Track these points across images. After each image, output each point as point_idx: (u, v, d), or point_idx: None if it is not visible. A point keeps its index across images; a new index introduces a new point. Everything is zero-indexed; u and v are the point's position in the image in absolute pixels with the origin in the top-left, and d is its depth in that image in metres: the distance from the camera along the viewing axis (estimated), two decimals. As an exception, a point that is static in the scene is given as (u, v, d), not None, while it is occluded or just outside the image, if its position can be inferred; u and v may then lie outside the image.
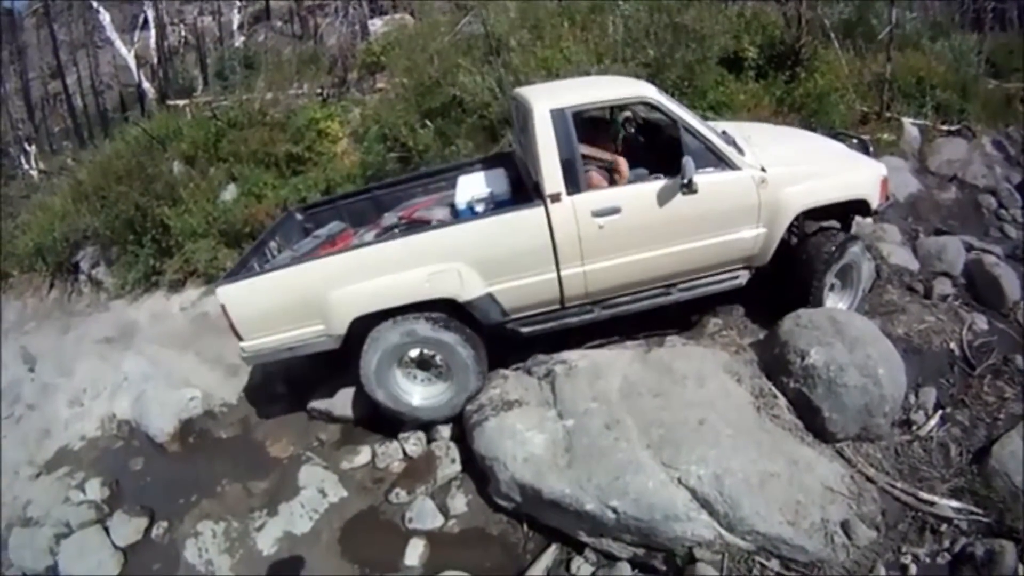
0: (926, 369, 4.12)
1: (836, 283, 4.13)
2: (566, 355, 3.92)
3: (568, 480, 3.21)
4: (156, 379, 4.96)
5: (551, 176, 3.48)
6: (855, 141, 4.64)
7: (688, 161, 3.46)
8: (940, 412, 3.83)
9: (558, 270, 3.60)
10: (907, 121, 6.63)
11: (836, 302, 4.16)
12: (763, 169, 3.71)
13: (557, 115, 3.46)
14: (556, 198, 3.49)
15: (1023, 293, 5.04)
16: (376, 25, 10.30)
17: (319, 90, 7.83)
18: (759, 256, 3.93)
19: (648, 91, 3.72)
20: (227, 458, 4.38)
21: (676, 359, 3.75)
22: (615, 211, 3.54)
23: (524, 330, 3.81)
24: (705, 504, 3.08)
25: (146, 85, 14.85)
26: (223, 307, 3.68)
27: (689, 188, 3.49)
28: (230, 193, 6.19)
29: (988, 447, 3.54)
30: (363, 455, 4.10)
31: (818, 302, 3.97)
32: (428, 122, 6.23)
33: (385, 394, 3.83)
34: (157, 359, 5.16)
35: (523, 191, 3.96)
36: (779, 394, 3.67)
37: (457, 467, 3.85)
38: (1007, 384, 4.10)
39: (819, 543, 3.05)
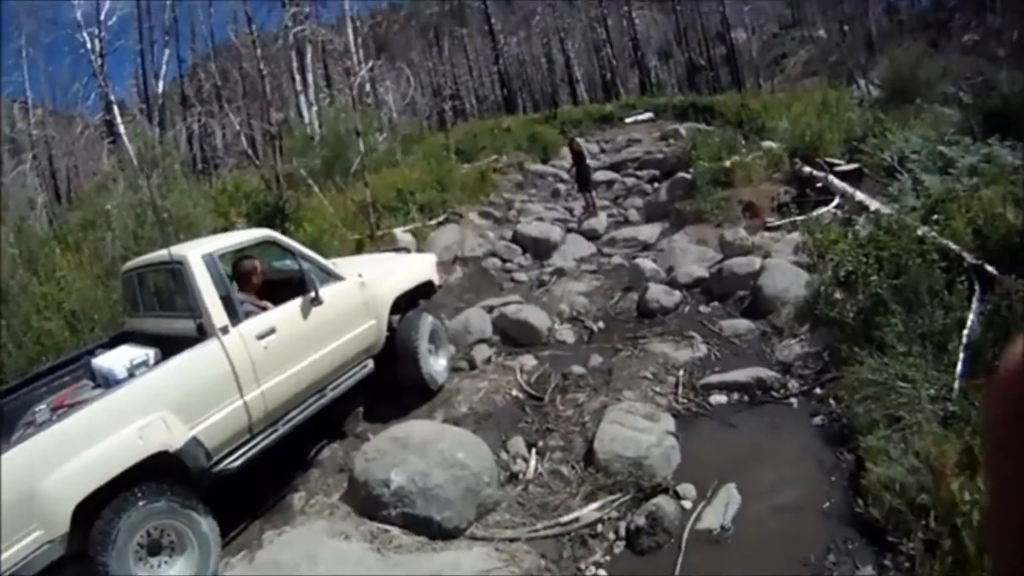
0: (503, 424, 4.47)
1: (431, 347, 5.00)
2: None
3: None
4: None
5: (216, 312, 3.72)
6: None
7: (311, 279, 4.15)
8: (533, 450, 4.18)
9: (242, 395, 3.73)
10: (398, 231, 7.47)
11: (438, 359, 5.08)
12: (360, 275, 4.63)
13: (208, 259, 3.80)
14: (225, 330, 3.72)
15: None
16: None
17: None
18: (376, 344, 4.72)
19: (269, 232, 4.50)
20: None
21: (280, 552, 3.53)
22: (273, 331, 3.91)
23: (235, 465, 3.71)
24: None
25: None
26: None
27: (317, 299, 4.15)
28: None
29: (590, 447, 3.96)
30: None
31: (426, 364, 4.89)
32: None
33: None
34: None
35: (168, 349, 3.95)
36: (389, 526, 3.71)
37: None
38: (577, 392, 4.70)
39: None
